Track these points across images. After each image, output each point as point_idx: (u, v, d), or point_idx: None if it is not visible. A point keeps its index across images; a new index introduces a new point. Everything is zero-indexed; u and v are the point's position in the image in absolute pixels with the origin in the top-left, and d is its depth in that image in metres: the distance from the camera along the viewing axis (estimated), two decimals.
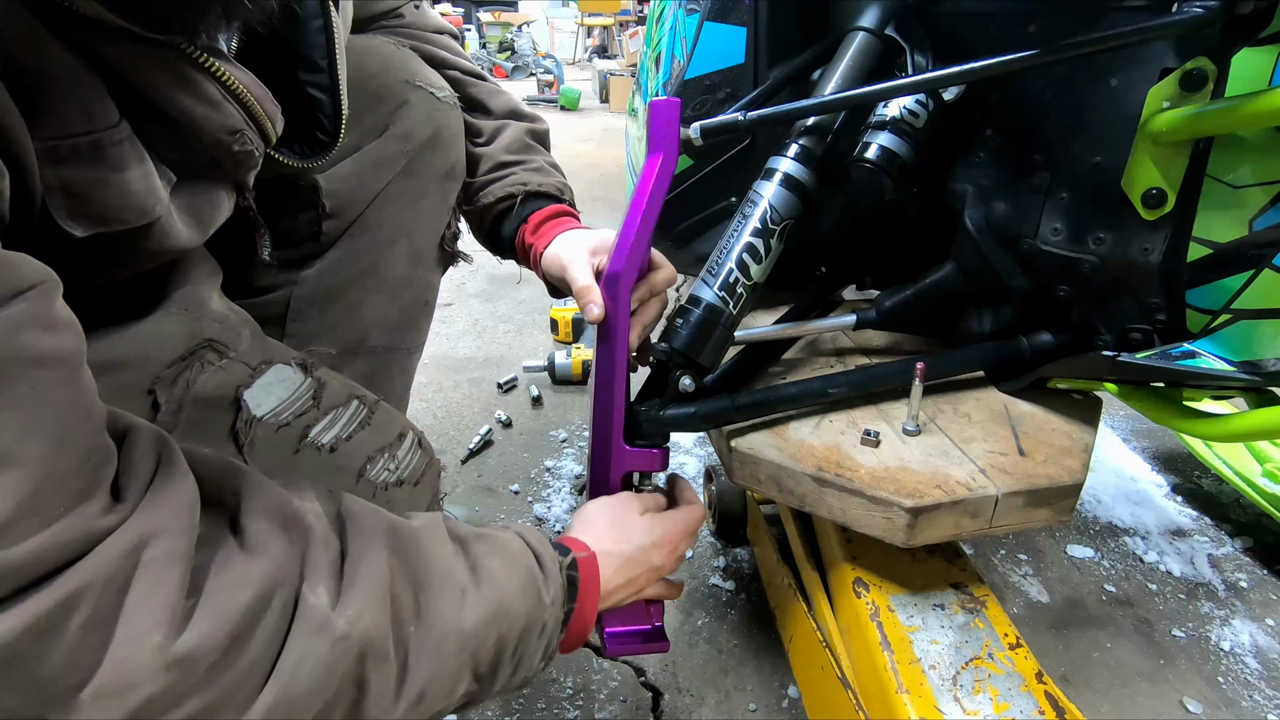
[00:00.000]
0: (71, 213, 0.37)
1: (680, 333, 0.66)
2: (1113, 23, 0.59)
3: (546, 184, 0.75)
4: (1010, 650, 0.62)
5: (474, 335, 1.85)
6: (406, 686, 0.40)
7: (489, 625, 0.44)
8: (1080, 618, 1.02)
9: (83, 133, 0.36)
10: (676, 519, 0.62)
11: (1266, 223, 0.55)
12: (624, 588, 0.57)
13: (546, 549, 0.51)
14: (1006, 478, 0.62)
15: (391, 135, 0.68)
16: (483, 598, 0.44)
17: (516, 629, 0.46)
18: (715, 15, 0.83)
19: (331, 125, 0.55)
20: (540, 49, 7.95)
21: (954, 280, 0.75)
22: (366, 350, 0.71)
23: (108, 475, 0.33)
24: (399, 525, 0.44)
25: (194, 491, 0.36)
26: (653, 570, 0.59)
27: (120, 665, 0.30)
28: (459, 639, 0.42)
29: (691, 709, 0.87)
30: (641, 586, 0.59)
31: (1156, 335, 0.64)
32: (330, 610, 0.37)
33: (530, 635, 0.47)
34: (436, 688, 0.41)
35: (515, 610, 0.46)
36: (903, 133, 0.68)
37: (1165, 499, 1.28)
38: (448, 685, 0.42)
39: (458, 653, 0.42)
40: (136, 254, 0.43)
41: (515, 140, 0.77)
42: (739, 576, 1.07)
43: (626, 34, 7.21)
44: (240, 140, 0.45)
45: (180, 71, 0.41)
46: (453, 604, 0.43)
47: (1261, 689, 0.92)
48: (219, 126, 0.44)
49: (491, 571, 0.46)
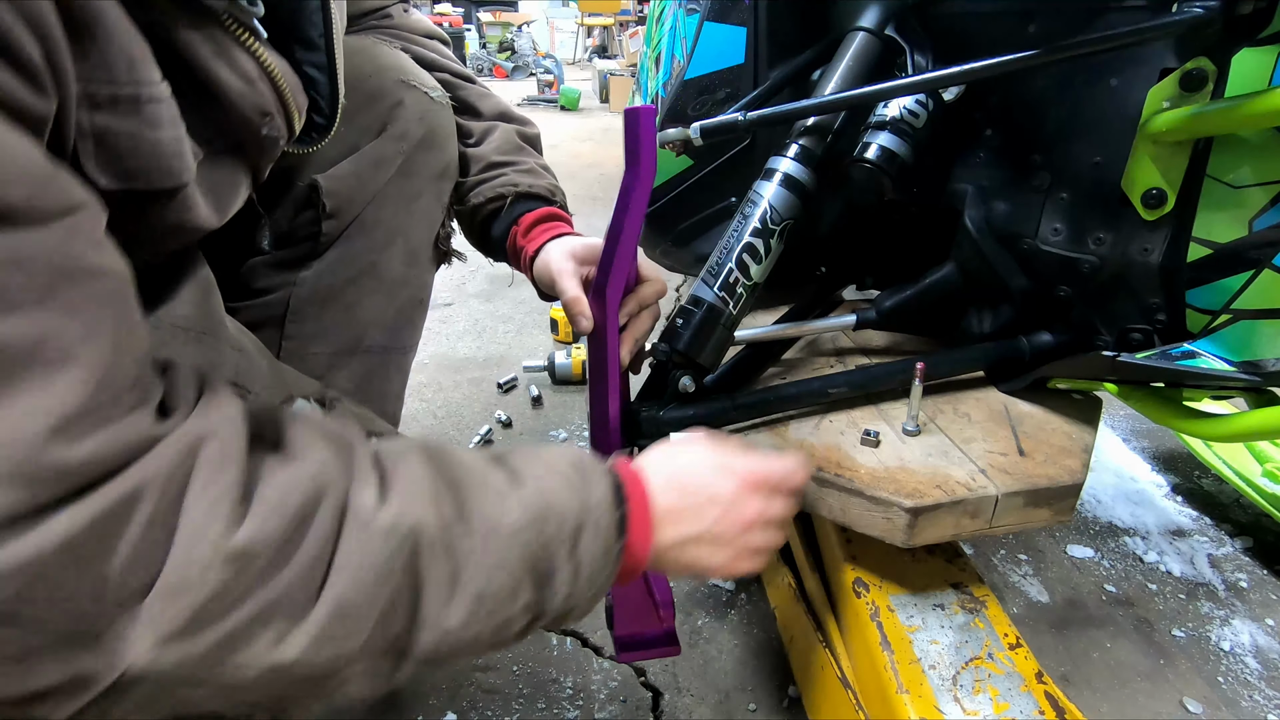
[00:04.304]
0: (100, 162, 0.37)
1: (680, 333, 0.66)
2: (1112, 23, 0.59)
3: (537, 185, 0.75)
4: (1010, 650, 0.62)
5: (474, 335, 1.85)
6: (463, 583, 0.39)
7: (536, 521, 0.42)
8: (1080, 618, 1.02)
9: (125, 82, 0.36)
10: (754, 453, 0.52)
11: (1266, 223, 0.55)
12: (681, 514, 0.48)
13: (584, 455, 0.48)
14: (1006, 478, 0.62)
15: (389, 135, 0.68)
16: (524, 495, 0.42)
17: (567, 525, 0.43)
18: (715, 15, 0.83)
19: (328, 107, 0.55)
20: (540, 49, 7.95)
21: (954, 280, 0.75)
22: (363, 350, 0.71)
23: (157, 393, 0.34)
24: (430, 441, 0.44)
25: (241, 406, 0.37)
26: (722, 503, 0.49)
27: (183, 561, 0.31)
28: (507, 533, 0.41)
29: (691, 709, 0.87)
30: (707, 523, 0.49)
31: (1156, 335, 0.64)
32: (378, 506, 0.37)
33: (583, 533, 0.43)
34: (495, 587, 0.40)
35: (561, 505, 0.43)
36: (902, 133, 0.68)
37: (1165, 499, 1.28)
38: (506, 584, 0.40)
39: (508, 547, 0.41)
40: (157, 228, 0.43)
41: (506, 142, 0.78)
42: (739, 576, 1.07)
43: (626, 34, 7.21)
44: (269, 124, 0.46)
45: (222, 44, 0.41)
46: (494, 502, 0.42)
47: (1261, 689, 0.92)
48: (252, 105, 0.44)
49: (531, 473, 0.44)
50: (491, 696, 0.88)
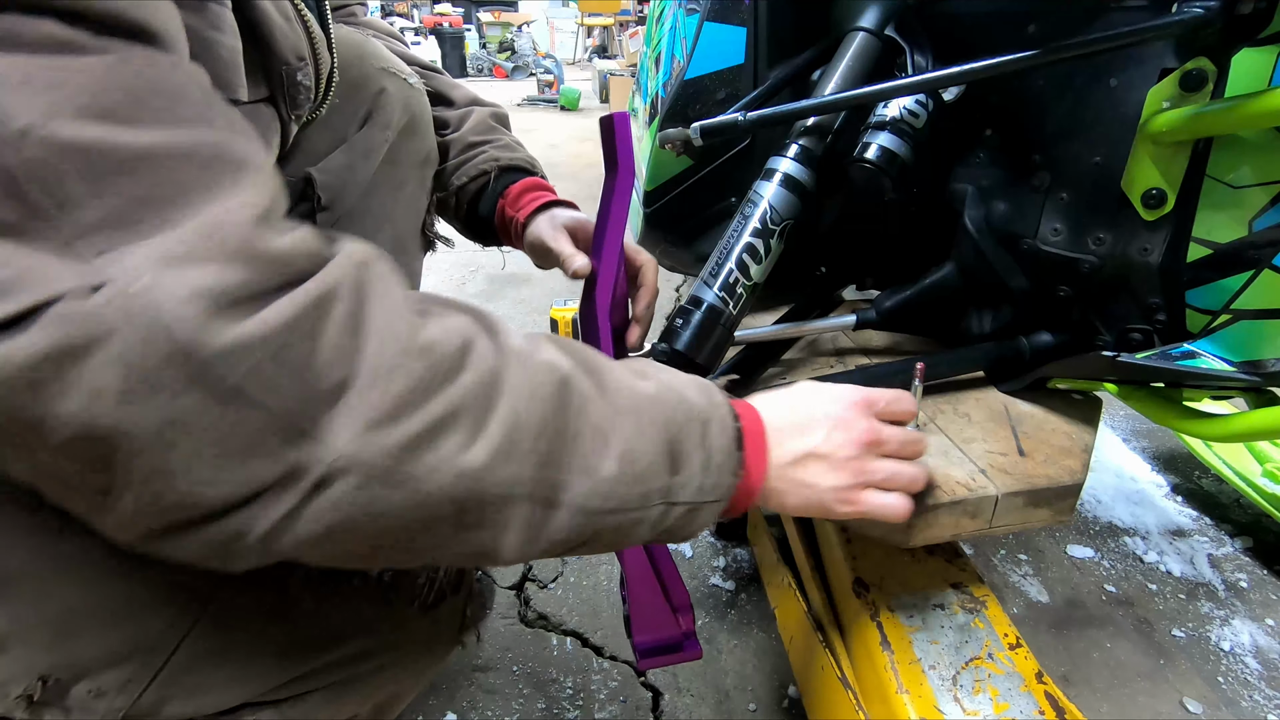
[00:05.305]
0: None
1: (680, 333, 0.66)
2: (1112, 23, 0.59)
3: (517, 158, 0.76)
4: (1010, 650, 0.62)
5: None
6: (611, 437, 0.39)
7: (669, 404, 0.42)
8: (1080, 618, 1.02)
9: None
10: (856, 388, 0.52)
11: (1266, 223, 0.55)
12: (792, 430, 0.48)
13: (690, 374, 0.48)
14: (1006, 478, 0.62)
15: (375, 123, 0.68)
16: (652, 382, 0.43)
17: (697, 414, 0.43)
18: (715, 15, 0.83)
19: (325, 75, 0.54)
20: (540, 49, 7.95)
21: (954, 280, 0.75)
22: None
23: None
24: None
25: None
26: (826, 419, 0.48)
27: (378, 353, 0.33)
28: (647, 403, 0.41)
29: (691, 709, 0.87)
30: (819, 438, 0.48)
31: (1156, 335, 0.64)
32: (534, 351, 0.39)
33: (711, 425, 0.44)
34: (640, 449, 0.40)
35: (688, 395, 0.44)
36: (902, 133, 0.68)
37: (1165, 499, 1.28)
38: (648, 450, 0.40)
39: (649, 416, 0.41)
40: None
41: (480, 122, 0.79)
42: (739, 576, 1.07)
43: (626, 34, 7.21)
44: (304, 72, 0.46)
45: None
46: (629, 381, 0.42)
47: (1261, 689, 0.92)
48: (290, 47, 0.44)
49: (656, 374, 0.45)
50: (491, 696, 0.88)
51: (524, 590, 1.05)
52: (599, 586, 1.06)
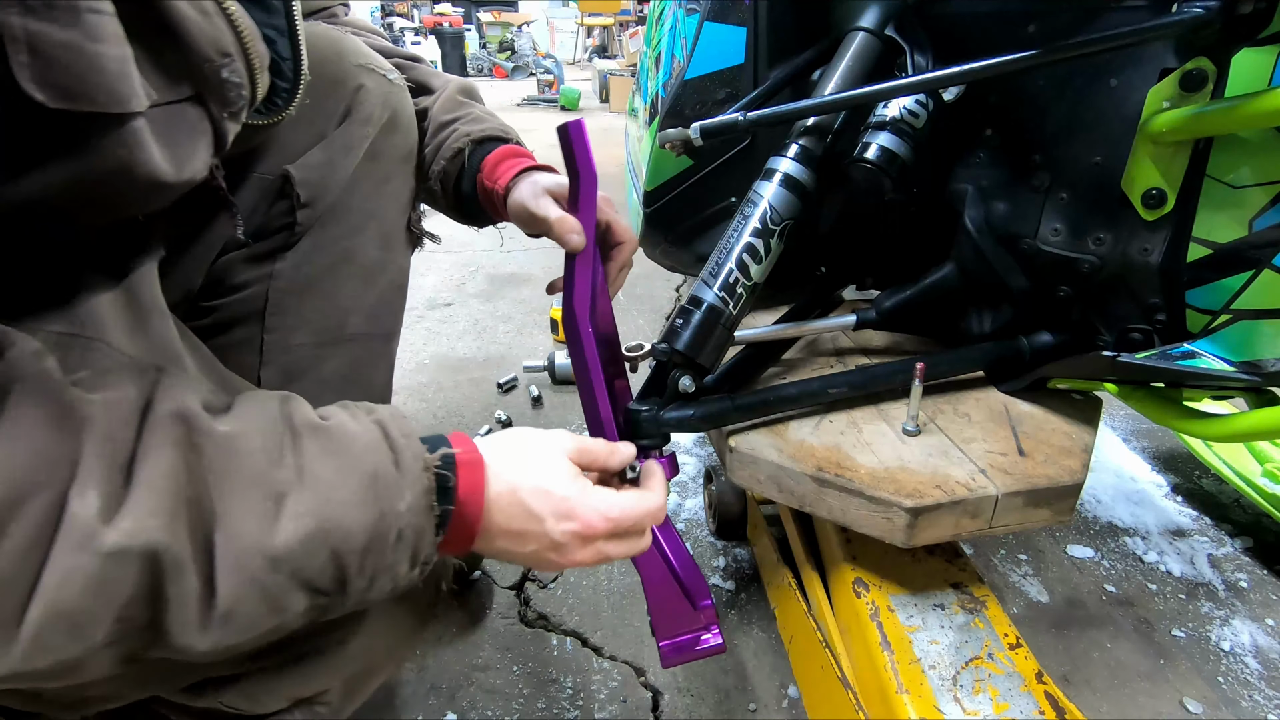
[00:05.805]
0: (35, 76, 0.34)
1: (680, 333, 0.66)
2: (1112, 23, 0.59)
3: (489, 128, 0.76)
4: (1010, 650, 0.62)
5: (474, 335, 1.85)
6: (217, 602, 0.36)
7: (312, 541, 0.39)
8: (1080, 618, 1.02)
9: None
10: (607, 500, 0.50)
11: (1266, 223, 0.55)
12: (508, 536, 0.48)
13: (411, 445, 0.44)
14: (1006, 478, 0.62)
15: (354, 119, 0.68)
16: (304, 509, 0.39)
17: (356, 543, 0.41)
18: (715, 15, 0.83)
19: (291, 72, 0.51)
20: (540, 49, 7.96)
21: (954, 280, 0.75)
22: (346, 338, 0.71)
23: None
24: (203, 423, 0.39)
25: None
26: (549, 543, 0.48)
27: None
28: (270, 557, 0.38)
29: (691, 709, 0.87)
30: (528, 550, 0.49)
31: (1156, 335, 0.64)
32: (100, 520, 0.33)
33: (381, 547, 0.42)
34: (249, 607, 0.38)
35: (349, 523, 0.40)
36: (902, 133, 0.68)
37: (1165, 499, 1.28)
38: (264, 605, 0.38)
39: (270, 571, 0.38)
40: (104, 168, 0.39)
41: (448, 100, 0.78)
42: (739, 576, 1.07)
43: (626, 34, 7.21)
44: (230, 67, 0.42)
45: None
46: (259, 517, 0.38)
47: (1261, 689, 0.92)
48: (210, 41, 0.40)
49: (320, 478, 0.40)
50: (491, 696, 0.88)
51: (524, 590, 1.05)
52: (599, 586, 1.06)
